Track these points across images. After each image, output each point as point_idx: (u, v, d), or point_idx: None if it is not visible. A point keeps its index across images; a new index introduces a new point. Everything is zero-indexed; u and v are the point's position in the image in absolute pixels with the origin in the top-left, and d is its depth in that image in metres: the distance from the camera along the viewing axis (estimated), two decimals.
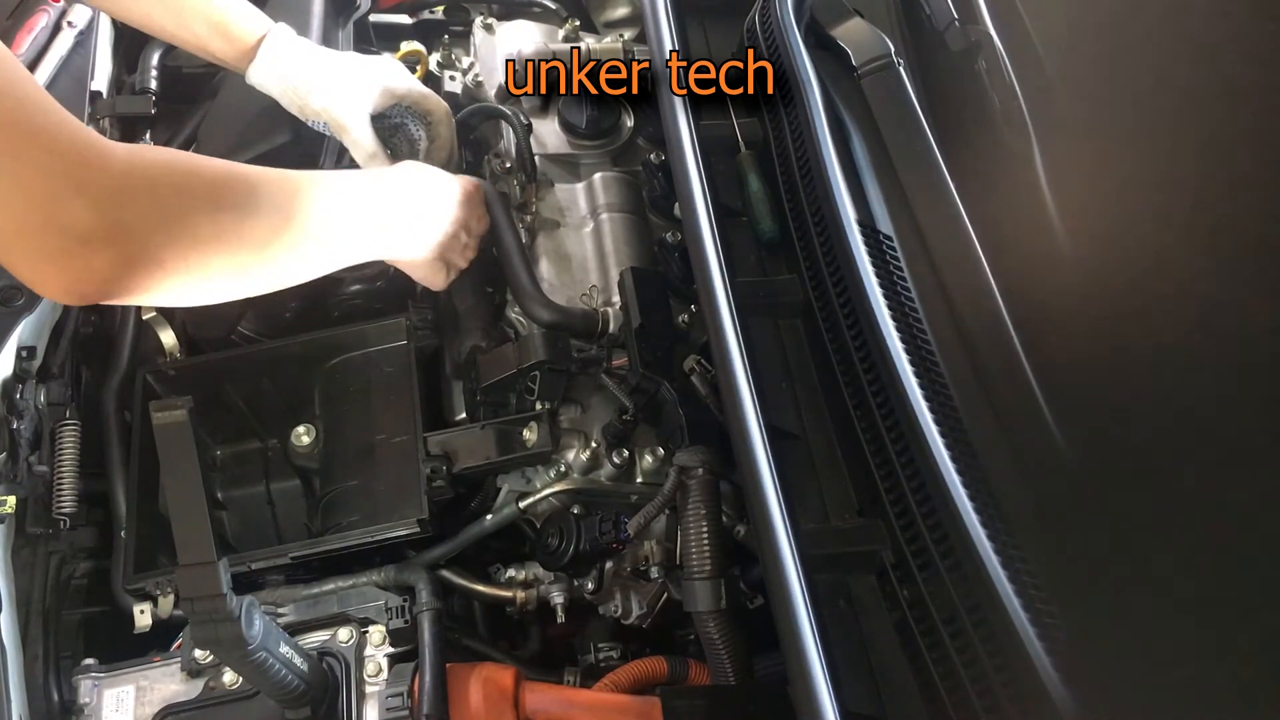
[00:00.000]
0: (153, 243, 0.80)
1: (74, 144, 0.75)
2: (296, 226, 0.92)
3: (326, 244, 0.97)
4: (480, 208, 1.17)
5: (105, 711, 0.99)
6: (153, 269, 0.81)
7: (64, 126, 0.75)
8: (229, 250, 0.87)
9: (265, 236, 0.90)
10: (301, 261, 0.95)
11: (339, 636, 1.02)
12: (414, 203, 1.07)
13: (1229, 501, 0.71)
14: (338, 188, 0.99)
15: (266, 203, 0.89)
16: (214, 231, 0.85)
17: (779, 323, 1.07)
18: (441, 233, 1.10)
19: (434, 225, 1.09)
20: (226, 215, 0.86)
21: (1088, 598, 0.77)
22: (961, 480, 0.81)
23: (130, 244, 0.78)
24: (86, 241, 0.75)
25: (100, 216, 0.76)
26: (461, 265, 1.16)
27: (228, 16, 1.12)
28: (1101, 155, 0.92)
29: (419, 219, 1.08)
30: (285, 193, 0.92)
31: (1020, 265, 0.94)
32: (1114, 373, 0.83)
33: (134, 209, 0.78)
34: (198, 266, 0.84)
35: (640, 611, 1.07)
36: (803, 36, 1.16)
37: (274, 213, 0.90)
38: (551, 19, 1.60)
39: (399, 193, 1.06)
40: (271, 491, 1.25)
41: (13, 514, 1.04)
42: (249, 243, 0.88)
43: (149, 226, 0.79)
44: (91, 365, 1.25)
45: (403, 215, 1.06)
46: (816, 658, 0.79)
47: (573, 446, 1.14)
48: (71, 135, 0.75)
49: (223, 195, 0.86)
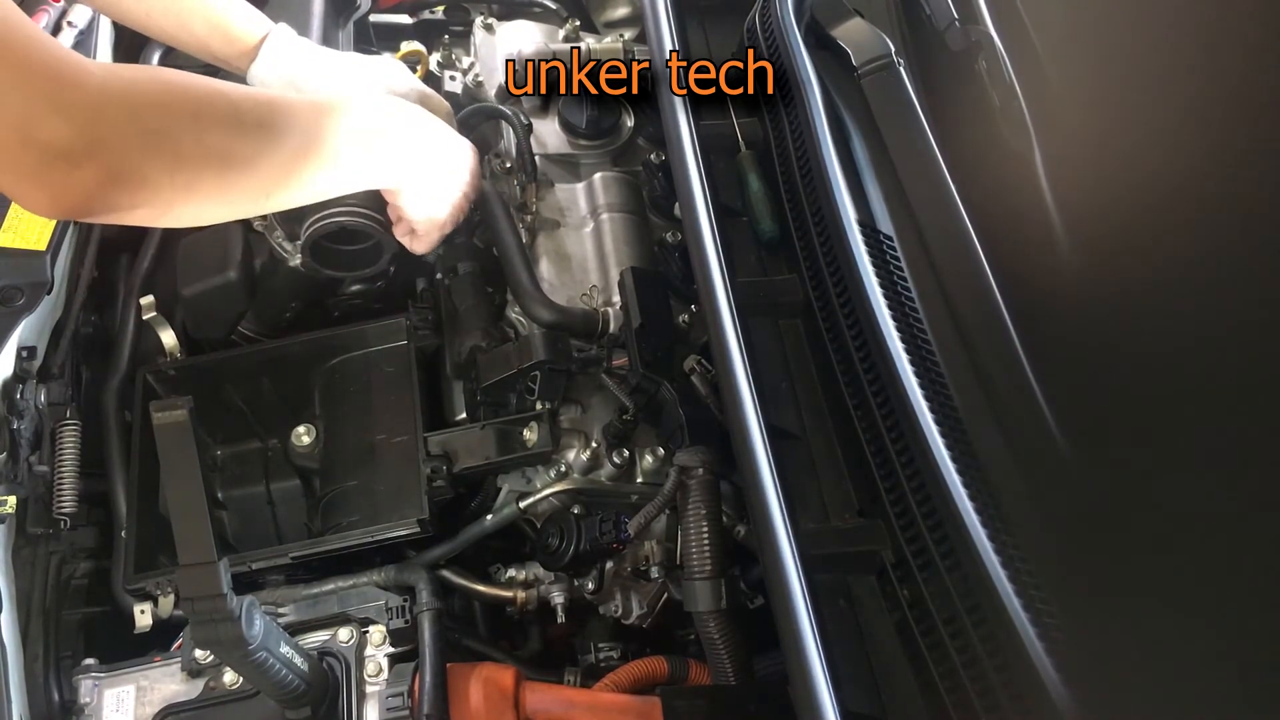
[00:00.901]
0: (134, 158, 0.80)
1: (49, 62, 0.74)
2: (288, 147, 0.91)
3: (321, 166, 0.96)
4: (479, 171, 1.18)
5: (105, 711, 0.99)
6: (136, 185, 0.81)
7: (38, 44, 0.74)
8: (217, 168, 0.86)
9: (252, 155, 0.89)
10: (296, 183, 0.95)
11: (339, 636, 1.02)
12: (427, 146, 1.07)
13: (1229, 501, 0.71)
14: (343, 111, 0.98)
15: (251, 120, 0.89)
16: (199, 150, 0.84)
17: (779, 323, 1.07)
18: (458, 192, 1.11)
19: (451, 179, 1.10)
20: (212, 133, 0.85)
21: (1088, 598, 0.77)
22: (961, 480, 0.81)
23: (111, 159, 0.78)
24: (65, 157, 0.76)
25: (78, 132, 0.76)
26: (448, 229, 1.17)
27: (228, 17, 1.12)
28: (1101, 155, 0.92)
29: (433, 165, 1.08)
30: (276, 112, 0.91)
31: (1020, 265, 0.94)
32: (1114, 372, 0.83)
33: (111, 125, 0.78)
34: (185, 185, 0.84)
35: (640, 611, 1.07)
36: (803, 36, 1.16)
37: (261, 131, 0.89)
38: (551, 19, 1.60)
39: (407, 126, 1.06)
40: (271, 491, 1.25)
41: (13, 514, 1.03)
42: (236, 161, 0.88)
43: (128, 142, 0.80)
44: (91, 365, 1.25)
45: (412, 151, 1.05)
46: (816, 658, 0.79)
47: (573, 446, 1.14)
48: (46, 53, 0.75)
49: (205, 112, 0.86)
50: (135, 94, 0.81)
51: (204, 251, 1.22)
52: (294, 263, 1.19)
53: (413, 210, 1.10)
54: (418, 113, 1.09)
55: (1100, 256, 0.88)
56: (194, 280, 1.21)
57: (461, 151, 1.14)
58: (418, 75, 1.35)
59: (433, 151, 1.09)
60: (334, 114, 0.97)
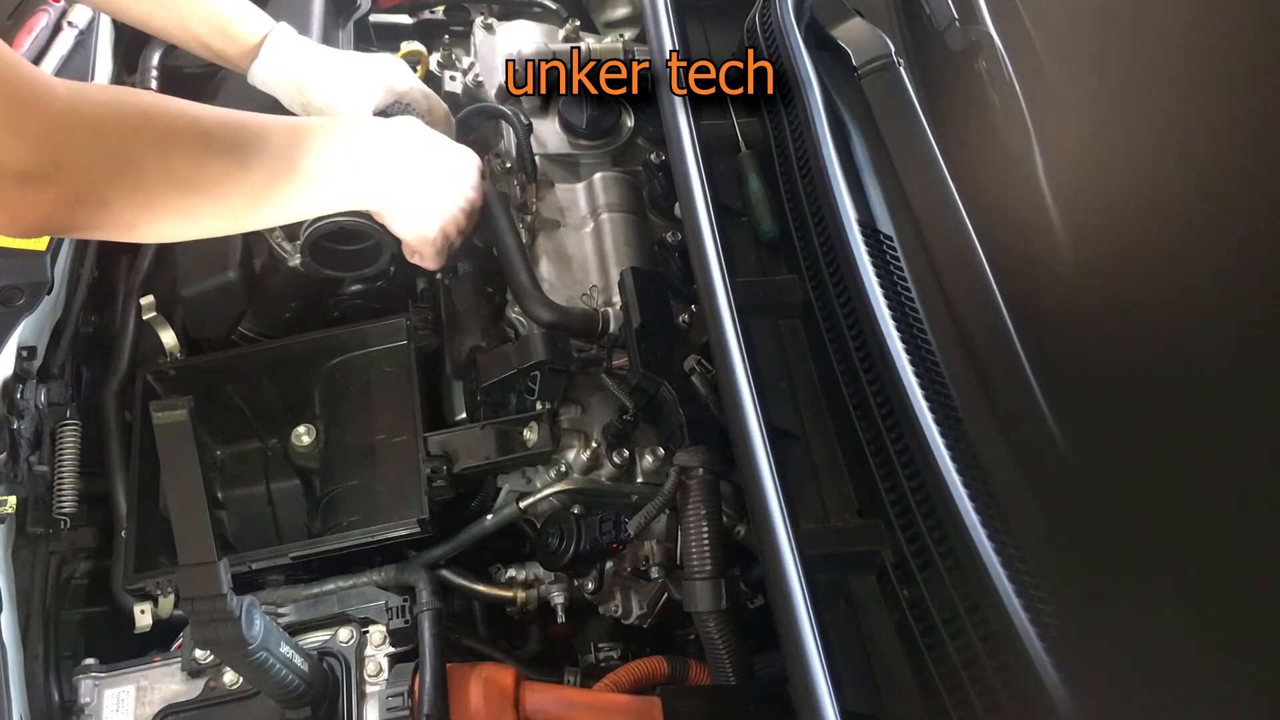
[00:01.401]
0: (95, 181, 0.79)
1: (10, 82, 0.73)
2: (258, 171, 0.90)
3: (293, 191, 0.94)
4: (479, 182, 1.16)
5: (105, 711, 0.99)
6: (97, 207, 0.80)
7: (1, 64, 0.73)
8: (181, 192, 0.86)
9: (220, 179, 0.88)
10: (268, 205, 0.93)
11: (339, 636, 1.02)
12: (411, 165, 1.05)
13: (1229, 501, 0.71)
14: (320, 133, 0.96)
15: (220, 145, 0.88)
16: (163, 174, 0.84)
17: (779, 323, 1.07)
18: (453, 206, 1.09)
19: (440, 196, 1.08)
20: (177, 157, 0.85)
21: (1088, 598, 0.77)
22: (961, 480, 0.81)
23: (71, 182, 0.78)
24: (24, 180, 0.75)
25: (37, 156, 0.75)
26: (456, 243, 1.15)
27: (229, 16, 1.12)
28: (1102, 154, 0.92)
29: (418, 183, 1.05)
30: (248, 136, 0.90)
31: (1020, 265, 0.94)
32: (1114, 372, 0.83)
33: (73, 149, 0.77)
34: (147, 207, 0.84)
35: (640, 611, 1.07)
36: (803, 36, 1.16)
37: (231, 155, 0.88)
38: (551, 19, 1.60)
39: (388, 146, 1.03)
40: (271, 491, 1.25)
41: (13, 514, 1.03)
42: (202, 185, 0.87)
43: (90, 165, 0.79)
44: (92, 365, 1.25)
45: (394, 171, 1.03)
46: (816, 658, 0.79)
47: (573, 446, 1.14)
48: (8, 73, 0.73)
49: (172, 137, 0.85)
50: (99, 117, 0.80)
51: (204, 251, 1.22)
52: (294, 263, 1.19)
53: (399, 229, 1.09)
54: (403, 130, 1.07)
55: (1100, 256, 0.88)
56: (194, 280, 1.21)
57: (456, 165, 1.12)
58: (418, 75, 1.35)
59: (418, 170, 1.06)
60: (311, 136, 0.96)
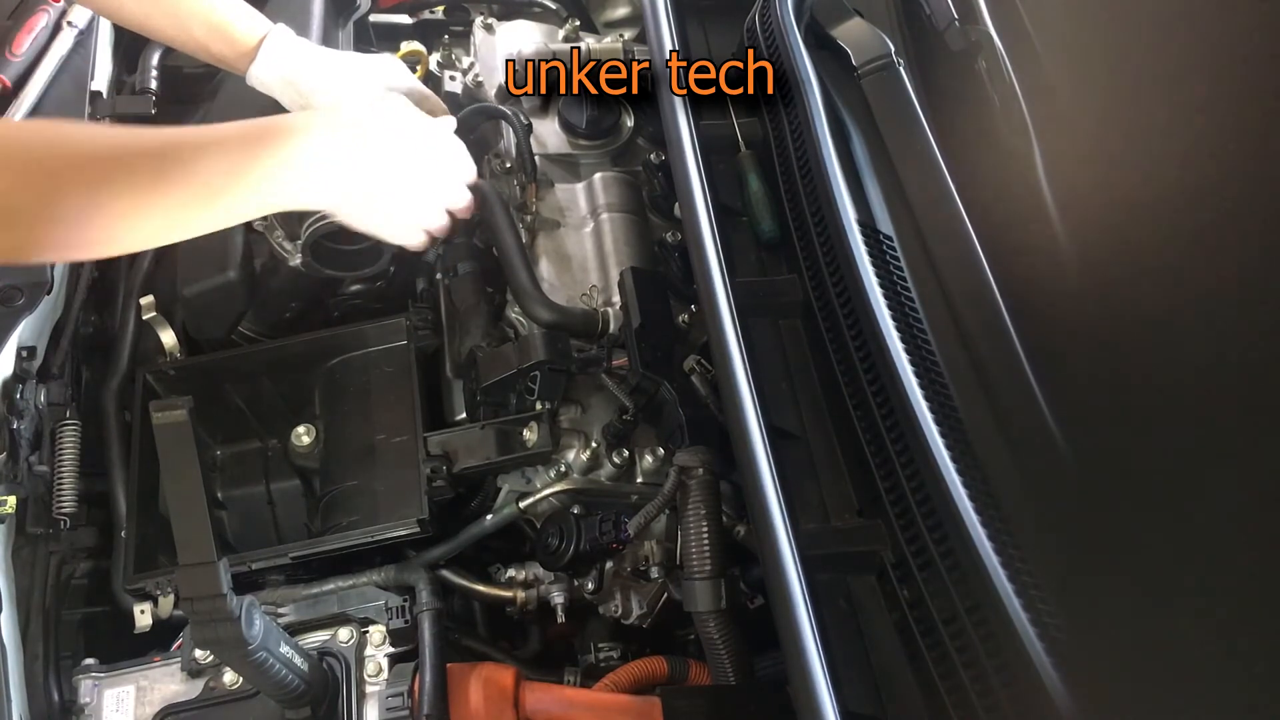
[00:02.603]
0: (25, 223, 0.81)
1: None
2: (190, 188, 0.89)
3: (212, 205, 0.93)
4: (456, 150, 1.12)
5: (105, 711, 0.99)
6: (31, 249, 0.83)
7: None
8: (107, 219, 0.86)
9: (140, 205, 0.88)
10: (191, 221, 0.92)
11: (339, 636, 1.02)
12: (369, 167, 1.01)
13: (1229, 501, 0.71)
14: (229, 142, 0.94)
15: (142, 168, 0.87)
16: (90, 207, 0.84)
17: (779, 323, 1.07)
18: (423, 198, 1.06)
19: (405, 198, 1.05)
20: (101, 191, 0.85)
21: (1088, 598, 0.77)
22: (961, 480, 0.81)
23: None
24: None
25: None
26: (441, 222, 1.12)
27: (227, 18, 1.12)
28: (1101, 154, 0.92)
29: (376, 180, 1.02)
30: (160, 155, 0.89)
31: (1020, 265, 0.94)
32: (1114, 372, 0.83)
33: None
34: (81, 237, 0.85)
35: (640, 611, 1.07)
36: (803, 36, 1.16)
37: (150, 179, 0.88)
38: (551, 19, 1.60)
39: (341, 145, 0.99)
40: (271, 491, 1.25)
41: (13, 514, 1.04)
42: (129, 213, 0.87)
43: (15, 208, 0.80)
44: (91, 365, 1.25)
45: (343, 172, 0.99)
46: (816, 658, 0.79)
47: (573, 446, 1.14)
48: None
49: (90, 171, 0.85)
50: (15, 157, 0.80)
51: (204, 251, 1.22)
52: (294, 263, 1.19)
53: (358, 227, 1.07)
54: (374, 130, 1.02)
55: (1100, 256, 0.88)
56: (194, 280, 1.21)
57: (435, 168, 1.09)
58: (417, 75, 1.35)
59: (374, 167, 1.02)
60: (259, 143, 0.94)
